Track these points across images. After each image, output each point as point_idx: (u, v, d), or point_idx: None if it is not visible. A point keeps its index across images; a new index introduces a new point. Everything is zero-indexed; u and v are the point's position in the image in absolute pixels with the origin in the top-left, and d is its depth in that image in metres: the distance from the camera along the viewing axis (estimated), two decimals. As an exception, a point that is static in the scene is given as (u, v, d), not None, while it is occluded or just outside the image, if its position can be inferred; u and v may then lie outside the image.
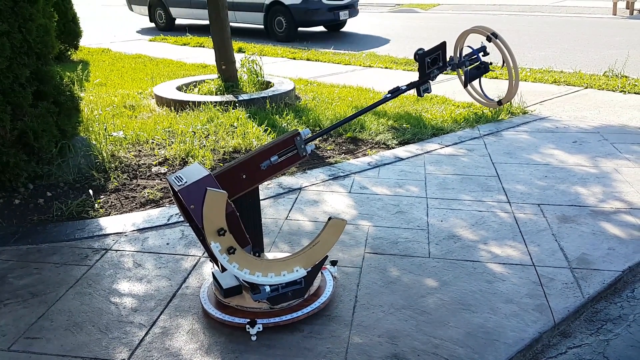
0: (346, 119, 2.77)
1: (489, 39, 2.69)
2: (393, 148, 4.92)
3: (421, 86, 2.81)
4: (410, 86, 2.81)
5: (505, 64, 2.73)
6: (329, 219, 2.60)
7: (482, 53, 2.84)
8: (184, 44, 12.35)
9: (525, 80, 7.77)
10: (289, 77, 7.80)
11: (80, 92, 6.53)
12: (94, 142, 4.62)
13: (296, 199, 3.86)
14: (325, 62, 9.76)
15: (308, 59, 10.02)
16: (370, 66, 9.22)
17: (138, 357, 2.35)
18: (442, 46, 2.75)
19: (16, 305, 2.70)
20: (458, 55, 2.86)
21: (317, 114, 5.71)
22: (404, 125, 5.46)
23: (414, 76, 8.23)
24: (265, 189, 4.01)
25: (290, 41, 12.49)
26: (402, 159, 4.61)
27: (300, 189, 4.03)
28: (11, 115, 3.82)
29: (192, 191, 2.33)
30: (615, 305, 2.71)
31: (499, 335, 2.43)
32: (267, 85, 6.81)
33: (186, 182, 2.36)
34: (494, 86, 7.08)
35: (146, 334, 2.49)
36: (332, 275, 2.86)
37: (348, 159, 4.64)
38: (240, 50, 10.71)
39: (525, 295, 2.71)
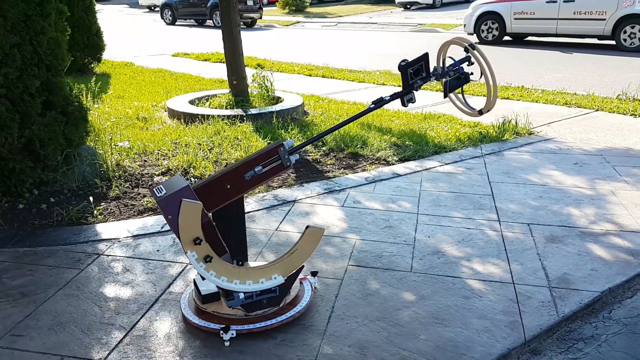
0: (330, 129, 2.84)
1: (466, 50, 2.75)
2: (393, 164, 4.98)
3: (405, 96, 2.85)
4: (393, 97, 2.86)
5: (482, 75, 2.77)
6: (307, 227, 2.67)
7: (466, 63, 2.88)
8: (205, 60, 12.61)
9: (536, 102, 7.78)
10: (301, 94, 7.92)
11: (94, 103, 6.74)
12: (100, 151, 4.77)
13: (289, 210, 3.93)
14: (340, 79, 9.89)
15: (324, 76, 10.16)
16: (384, 84, 9.30)
17: (114, 357, 2.43)
18: (425, 57, 2.80)
19: (6, 304, 2.82)
20: (441, 66, 2.91)
21: (321, 129, 5.80)
22: (407, 143, 5.51)
23: (428, 94, 8.29)
24: (260, 200, 4.10)
25: None
26: (399, 175, 4.67)
27: (294, 201, 4.10)
28: (19, 123, 3.98)
29: (170, 202, 2.42)
30: (590, 325, 2.71)
31: (467, 350, 2.46)
32: (277, 100, 6.94)
33: (165, 193, 2.46)
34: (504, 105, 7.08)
35: (125, 335, 2.58)
36: (312, 286, 2.91)
37: (346, 174, 4.71)
38: (259, 66, 10.90)
39: (500, 312, 2.73)
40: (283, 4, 30.42)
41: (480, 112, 2.91)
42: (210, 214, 2.64)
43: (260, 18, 24.27)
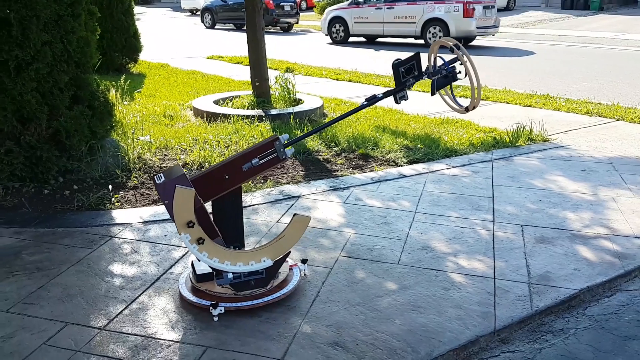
0: (320, 127, 3.04)
1: (451, 50, 2.92)
2: (401, 166, 5.13)
3: (397, 94, 3.03)
4: (387, 94, 3.04)
5: (467, 74, 2.94)
6: (294, 215, 2.87)
7: (458, 62, 3.04)
8: (238, 62, 12.94)
9: (558, 110, 7.80)
10: (324, 97, 8.13)
11: (124, 100, 7.09)
12: (123, 144, 5.07)
13: (292, 205, 4.14)
14: (366, 84, 10.06)
15: (350, 80, 10.35)
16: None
17: (113, 325, 2.68)
18: (416, 57, 2.97)
19: (22, 277, 3.10)
20: (432, 65, 3.09)
21: (336, 130, 6.00)
22: (419, 146, 5.65)
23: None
24: (267, 195, 4.32)
25: None
26: (405, 176, 4.82)
27: (299, 196, 4.31)
28: (48, 115, 4.31)
29: (167, 188, 2.66)
30: (562, 320, 2.83)
31: (437, 334, 2.61)
32: (298, 102, 7.17)
33: (164, 180, 2.70)
34: (514, 111, 7.13)
35: (125, 308, 2.82)
36: (301, 272, 3.11)
37: (354, 174, 4.89)
38: (288, 70, 11.17)
39: (475, 303, 2.88)
40: (320, 9, 30.72)
41: (467, 109, 3.07)
42: (210, 202, 2.87)
43: (297, 23, 24.63)
